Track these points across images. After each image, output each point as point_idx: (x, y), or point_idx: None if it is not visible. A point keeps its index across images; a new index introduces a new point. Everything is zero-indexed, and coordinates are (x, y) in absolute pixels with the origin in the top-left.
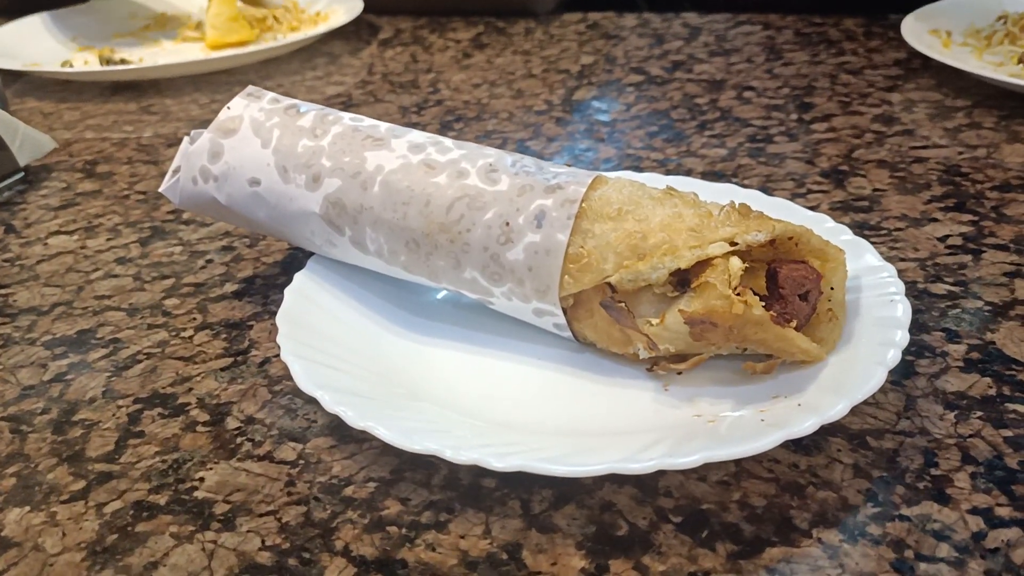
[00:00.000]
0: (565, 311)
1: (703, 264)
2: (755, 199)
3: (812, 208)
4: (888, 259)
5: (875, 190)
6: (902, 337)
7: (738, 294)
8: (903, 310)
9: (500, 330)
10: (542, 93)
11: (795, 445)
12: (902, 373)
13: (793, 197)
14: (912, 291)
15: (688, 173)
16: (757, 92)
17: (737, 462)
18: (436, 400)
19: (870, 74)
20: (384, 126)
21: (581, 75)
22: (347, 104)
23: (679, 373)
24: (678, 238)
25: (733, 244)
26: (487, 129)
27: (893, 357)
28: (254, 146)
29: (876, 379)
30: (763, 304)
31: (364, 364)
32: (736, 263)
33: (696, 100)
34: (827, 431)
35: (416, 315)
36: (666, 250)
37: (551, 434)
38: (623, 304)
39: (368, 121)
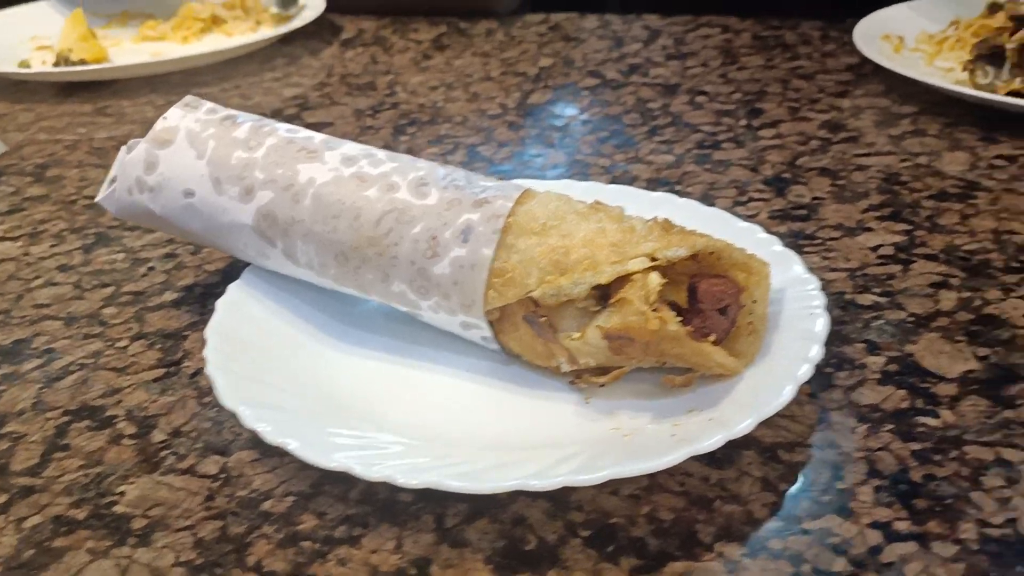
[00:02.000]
0: (491, 324)
1: (623, 279)
2: (692, 209)
3: (751, 216)
4: (819, 269)
5: (814, 198)
6: (816, 352)
7: (656, 310)
8: (821, 324)
9: (431, 342)
10: (497, 96)
11: (708, 458)
12: (820, 385)
13: (734, 205)
14: (839, 302)
15: (634, 180)
16: (710, 97)
17: (649, 476)
18: (363, 413)
19: (822, 79)
20: (319, 138)
21: (538, 78)
22: (303, 107)
23: (601, 386)
24: (600, 253)
25: (654, 260)
26: (440, 134)
27: (805, 372)
28: (189, 157)
29: (785, 395)
30: (682, 319)
31: (292, 377)
32: (655, 279)
33: (649, 104)
34: (740, 444)
35: (350, 326)
36: (587, 265)
37: (474, 447)
38: (544, 319)
39: (304, 133)
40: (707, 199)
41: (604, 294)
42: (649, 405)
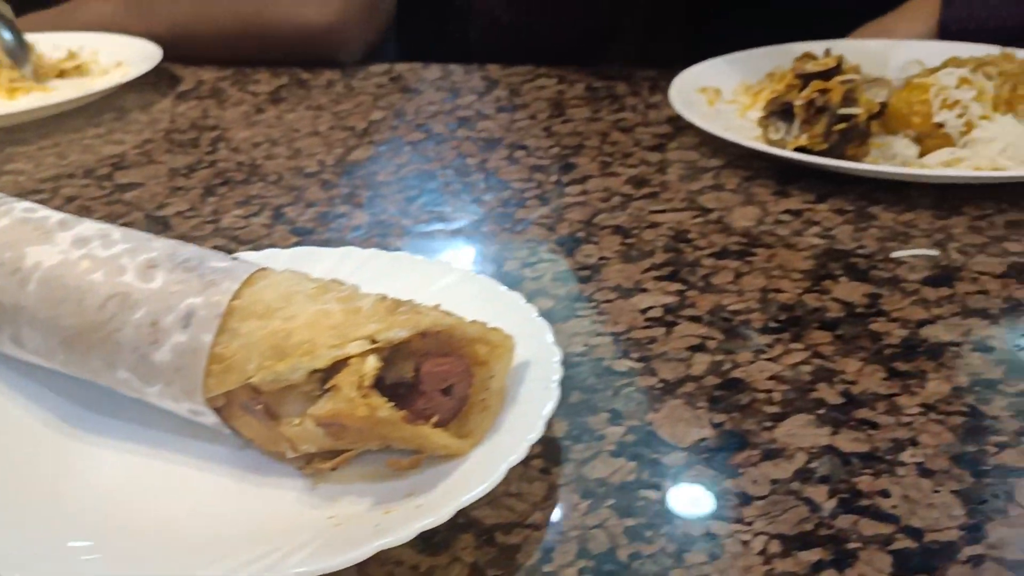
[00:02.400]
0: (218, 411)
1: (342, 363)
2: (457, 277)
3: (536, 278)
4: (586, 334)
5: (601, 258)
6: (537, 431)
7: (367, 395)
8: (550, 402)
9: (169, 426)
10: (319, 153)
11: (423, 543)
12: (554, 460)
13: (522, 267)
14: (596, 369)
15: (431, 240)
16: (528, 151)
17: (358, 566)
18: (84, 505)
19: (640, 132)
20: (56, 217)
21: (365, 133)
22: (117, 166)
23: (332, 470)
24: (321, 336)
25: (374, 342)
26: (250, 194)
27: (519, 454)
28: None
29: (493, 479)
30: (403, 401)
31: (8, 466)
32: (371, 362)
33: (468, 160)
34: (461, 527)
35: (85, 408)
36: (307, 349)
37: (181, 548)
38: (261, 406)
39: (42, 212)
40: (499, 261)
41: (327, 378)
42: (373, 490)
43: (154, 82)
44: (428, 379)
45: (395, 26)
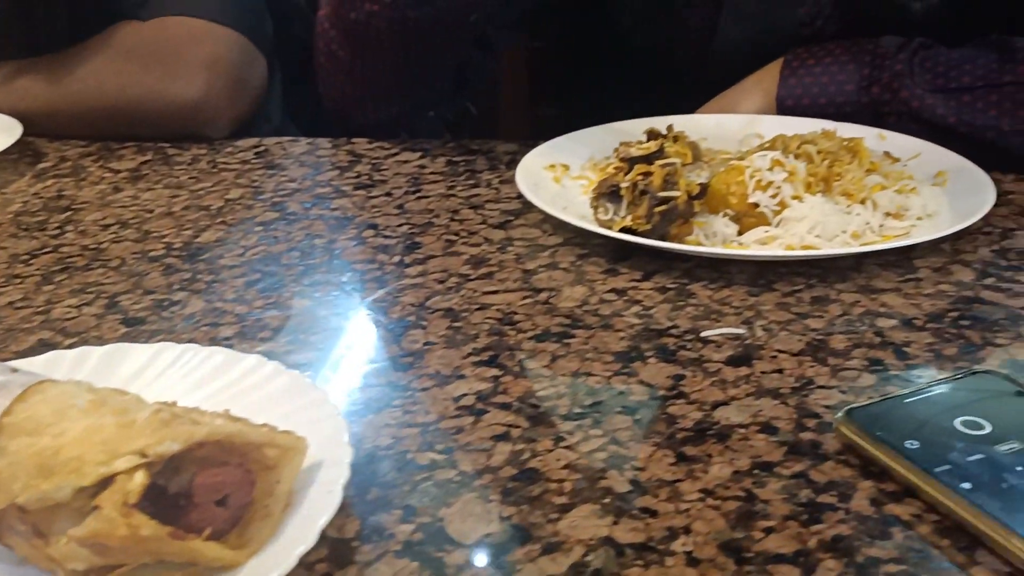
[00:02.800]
0: None
1: (110, 480)
2: (263, 374)
3: (357, 367)
4: (396, 426)
5: (426, 343)
6: (308, 542)
7: (129, 514)
8: (331, 507)
9: None
10: (168, 235)
11: None
12: (341, 563)
13: (346, 354)
14: (399, 463)
15: (262, 328)
16: (377, 230)
17: None
18: None
19: (490, 209)
20: None
21: (219, 212)
22: None
23: None
24: (90, 453)
25: (145, 456)
26: (88, 281)
27: (287, 566)
28: None
29: None
30: (179, 513)
31: None
32: (138, 478)
33: (316, 241)
34: None
35: None
36: (74, 467)
37: None
38: (26, 527)
39: None
40: (325, 348)
41: (98, 494)
42: None
43: (15, 159)
44: (201, 490)
45: (282, 97)
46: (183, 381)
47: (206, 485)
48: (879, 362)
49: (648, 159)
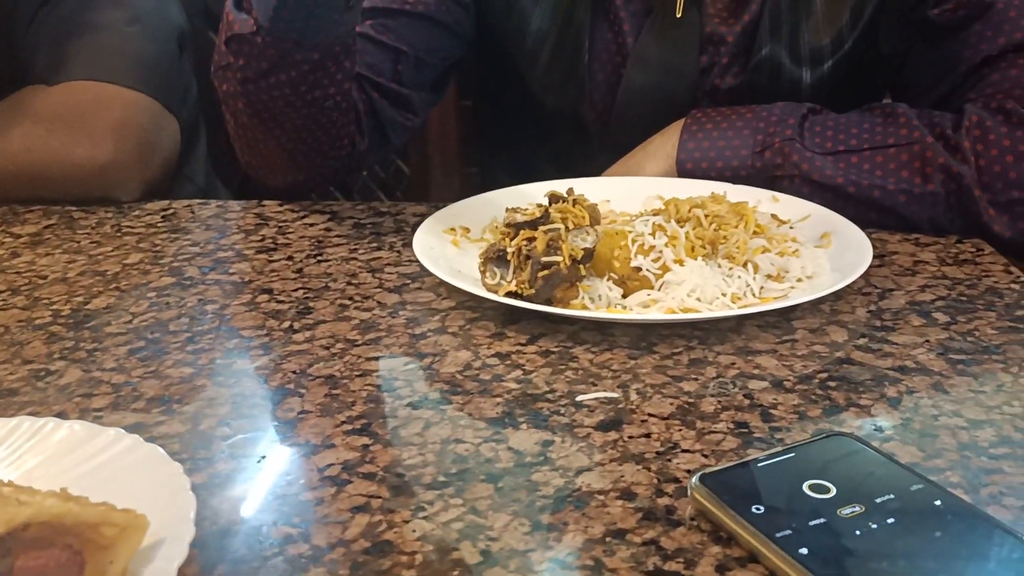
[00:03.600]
0: None
1: None
2: (129, 447)
3: (226, 438)
4: (258, 498)
5: (301, 412)
6: None
7: None
8: None
9: None
10: (58, 302)
11: None
12: None
13: (219, 425)
14: (253, 538)
15: (136, 399)
16: (272, 295)
17: None
18: None
19: (389, 272)
20: None
21: (115, 278)
22: None
23: None
24: None
25: None
26: None
27: None
28: None
29: None
30: None
31: None
32: None
33: (208, 307)
34: None
35: None
36: None
37: None
38: None
39: None
40: (196, 419)
41: None
42: None
43: None
44: (22, 574)
45: (209, 156)
46: (35, 457)
47: (27, 568)
48: (744, 425)
49: (533, 224)
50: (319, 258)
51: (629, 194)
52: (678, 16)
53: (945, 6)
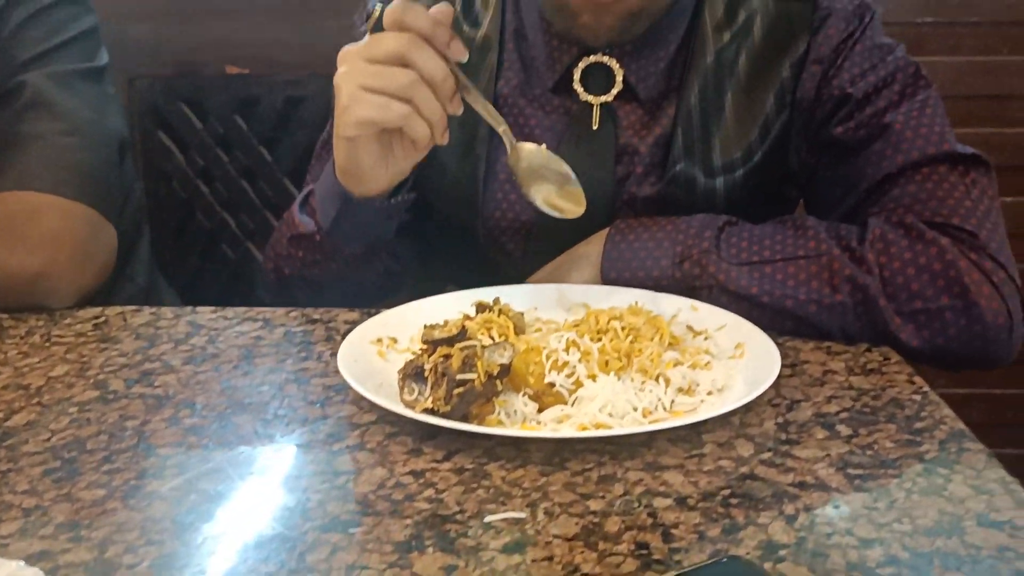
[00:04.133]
0: None
1: None
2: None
3: (133, 567)
4: None
5: (207, 537)
6: None
7: None
8: None
9: None
10: None
11: None
12: None
13: (125, 552)
14: None
15: (45, 524)
16: (194, 410)
17: None
18: None
19: (315, 384)
20: None
21: (38, 392)
22: None
23: None
24: None
25: None
26: None
27: None
28: None
29: None
30: None
31: None
32: None
33: (128, 423)
34: None
35: None
36: None
37: None
38: None
39: None
40: (103, 547)
41: None
42: None
43: None
44: None
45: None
46: None
47: None
48: (645, 546)
49: (450, 341)
50: (246, 371)
51: (555, 301)
52: (595, 128)
53: (848, 125)
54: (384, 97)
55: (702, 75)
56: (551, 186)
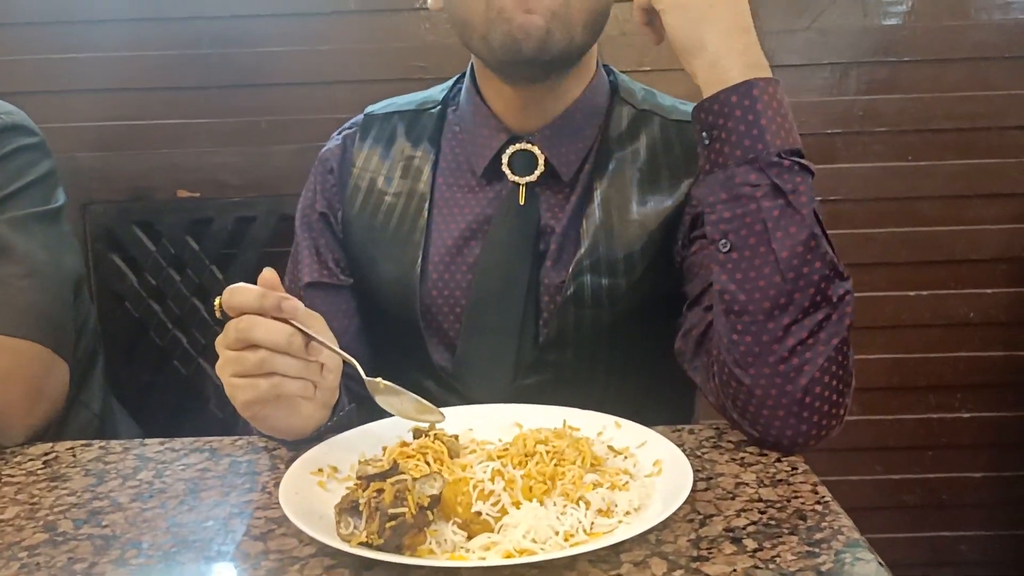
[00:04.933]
0: None
1: None
2: None
3: None
4: None
5: None
6: None
7: None
8: None
9: None
10: None
11: None
12: None
13: None
14: None
15: None
16: (141, 550)
17: None
18: None
19: (258, 516)
20: None
21: None
22: None
23: None
24: None
25: None
26: None
27: None
28: None
29: None
30: None
31: None
32: None
33: (76, 566)
34: None
35: None
36: None
37: None
38: None
39: None
40: None
41: None
42: None
43: None
44: None
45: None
46: None
47: None
48: None
49: (383, 476)
50: (191, 506)
51: (490, 422)
52: (521, 204)
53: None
54: (249, 378)
55: (611, 171)
56: (409, 407)
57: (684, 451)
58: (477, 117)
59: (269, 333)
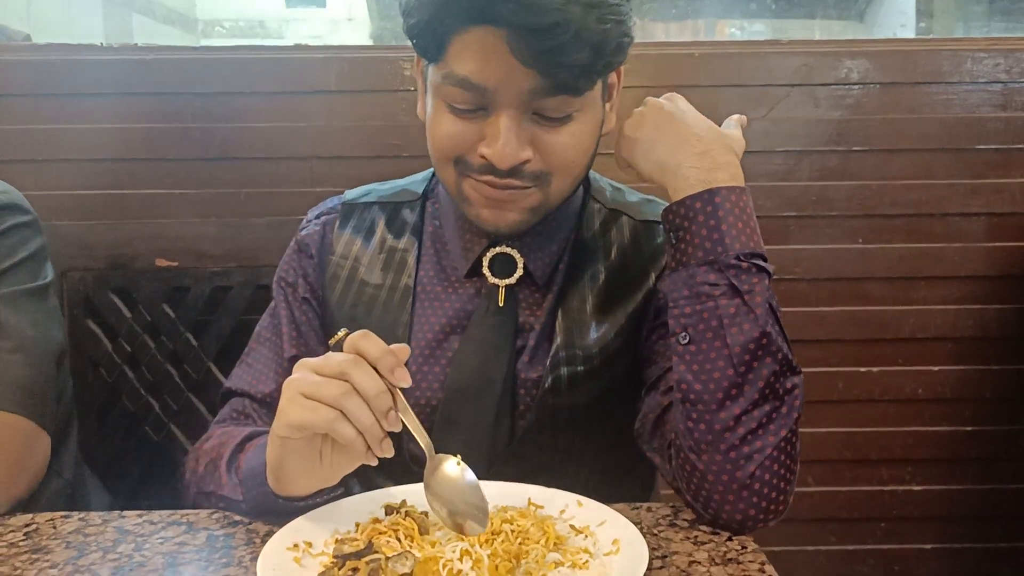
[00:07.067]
0: None
1: None
2: None
3: None
4: None
5: None
6: None
7: None
8: None
9: None
10: None
11: None
12: None
13: None
14: None
15: None
16: None
17: None
18: None
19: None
20: None
21: None
22: None
23: None
24: None
25: None
26: None
27: None
28: None
29: None
30: None
31: None
32: None
33: None
34: None
35: None
36: None
37: None
38: None
39: None
40: None
41: None
42: None
43: None
44: None
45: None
46: None
47: None
48: None
49: (358, 555)
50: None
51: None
52: (500, 305)
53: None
54: (315, 403)
55: (584, 270)
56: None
57: (641, 529)
58: (458, 221)
59: (366, 378)
